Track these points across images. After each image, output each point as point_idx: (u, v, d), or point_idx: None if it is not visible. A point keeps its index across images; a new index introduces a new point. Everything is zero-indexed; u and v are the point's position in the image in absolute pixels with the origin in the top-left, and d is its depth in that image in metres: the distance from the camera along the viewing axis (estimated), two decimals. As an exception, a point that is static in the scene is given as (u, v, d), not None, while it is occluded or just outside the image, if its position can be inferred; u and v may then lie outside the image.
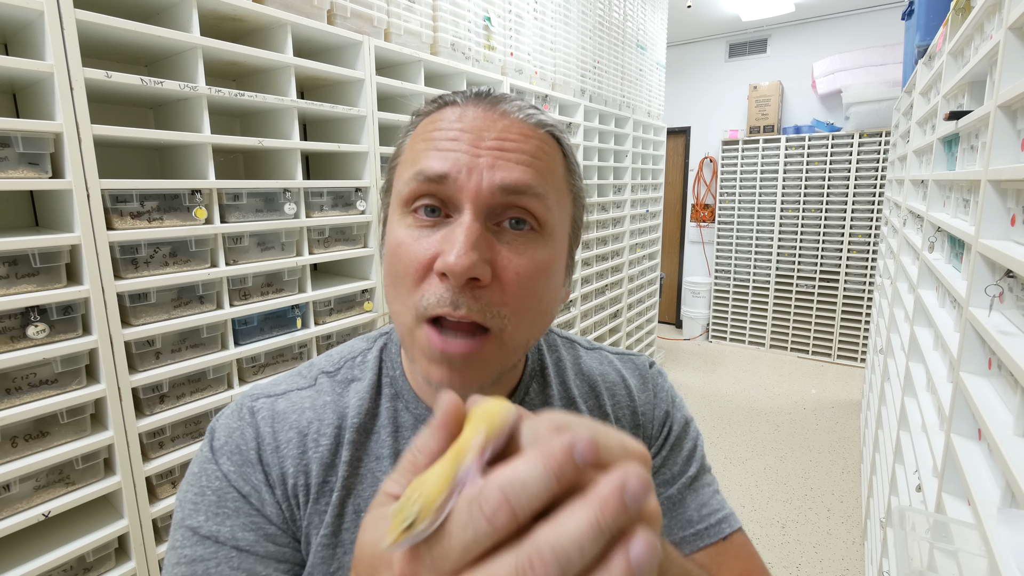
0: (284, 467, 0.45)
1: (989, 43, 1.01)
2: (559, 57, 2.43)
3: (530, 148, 0.41)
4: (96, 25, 0.99)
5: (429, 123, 0.43)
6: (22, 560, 0.96)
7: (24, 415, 0.94)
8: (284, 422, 0.46)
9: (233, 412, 0.47)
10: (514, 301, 0.40)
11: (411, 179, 0.41)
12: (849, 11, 4.31)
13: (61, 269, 1.00)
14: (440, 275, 0.39)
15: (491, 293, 0.39)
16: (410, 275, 0.40)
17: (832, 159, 4.25)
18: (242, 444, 0.45)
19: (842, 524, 2.41)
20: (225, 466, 0.44)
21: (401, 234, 0.41)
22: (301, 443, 0.46)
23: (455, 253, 0.37)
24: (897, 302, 2.10)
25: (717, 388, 3.94)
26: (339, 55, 1.54)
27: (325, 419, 0.47)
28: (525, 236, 0.41)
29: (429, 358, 0.40)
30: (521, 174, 0.40)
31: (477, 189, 0.39)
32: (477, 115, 0.42)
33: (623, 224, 3.19)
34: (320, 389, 0.49)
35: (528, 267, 0.41)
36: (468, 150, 0.40)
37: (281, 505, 0.44)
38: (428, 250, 0.40)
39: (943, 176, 1.40)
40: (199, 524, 0.42)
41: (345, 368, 0.51)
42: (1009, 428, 0.78)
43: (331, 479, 0.45)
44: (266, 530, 0.43)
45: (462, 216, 0.39)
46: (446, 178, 0.39)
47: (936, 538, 0.87)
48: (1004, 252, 0.82)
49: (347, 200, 1.52)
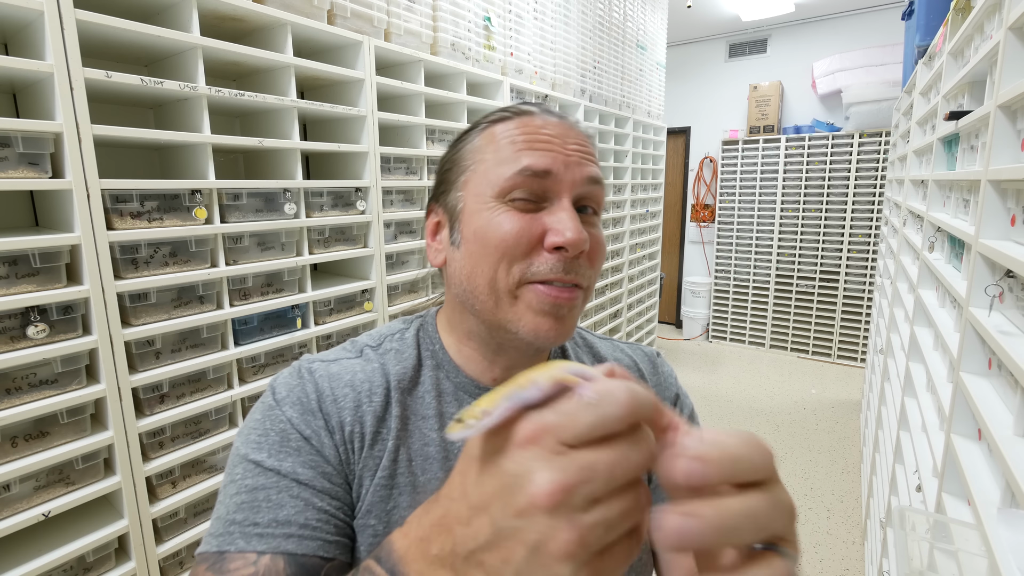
0: (342, 416, 0.50)
1: (989, 43, 1.01)
2: (559, 57, 2.43)
3: (591, 150, 0.53)
4: (96, 25, 0.99)
5: (512, 128, 0.51)
6: (22, 560, 0.96)
7: (24, 415, 0.94)
8: (339, 380, 0.52)
9: (292, 372, 0.53)
10: (596, 266, 0.52)
11: (517, 174, 0.48)
12: (849, 11, 4.31)
13: (61, 269, 1.00)
14: (552, 249, 0.48)
15: (583, 261, 0.50)
16: (522, 247, 0.48)
17: (832, 159, 4.25)
18: (303, 396, 0.50)
19: (842, 524, 2.41)
20: (288, 412, 0.49)
21: (502, 218, 0.49)
22: (356, 398, 0.51)
23: (573, 230, 0.47)
24: (897, 302, 2.10)
25: (717, 388, 3.94)
26: (339, 55, 1.54)
27: (375, 380, 0.53)
28: (591, 218, 0.52)
29: (537, 311, 0.48)
30: (594, 169, 0.52)
31: (573, 181, 0.49)
32: (555, 124, 0.52)
33: (623, 224, 3.19)
34: (368, 359, 0.55)
35: (601, 240, 0.53)
36: (561, 151, 0.50)
37: (339, 448, 0.49)
38: (537, 228, 0.48)
39: (943, 176, 1.40)
40: (262, 459, 0.47)
41: (386, 342, 0.58)
42: (1009, 428, 0.78)
43: (383, 431, 0.51)
44: (323, 469, 0.48)
45: (561, 202, 0.49)
46: (549, 173, 0.49)
47: (936, 538, 0.87)
48: (1004, 252, 0.82)
49: (347, 200, 1.52)
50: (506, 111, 0.54)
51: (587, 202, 0.51)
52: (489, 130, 0.53)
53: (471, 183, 0.52)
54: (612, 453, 0.26)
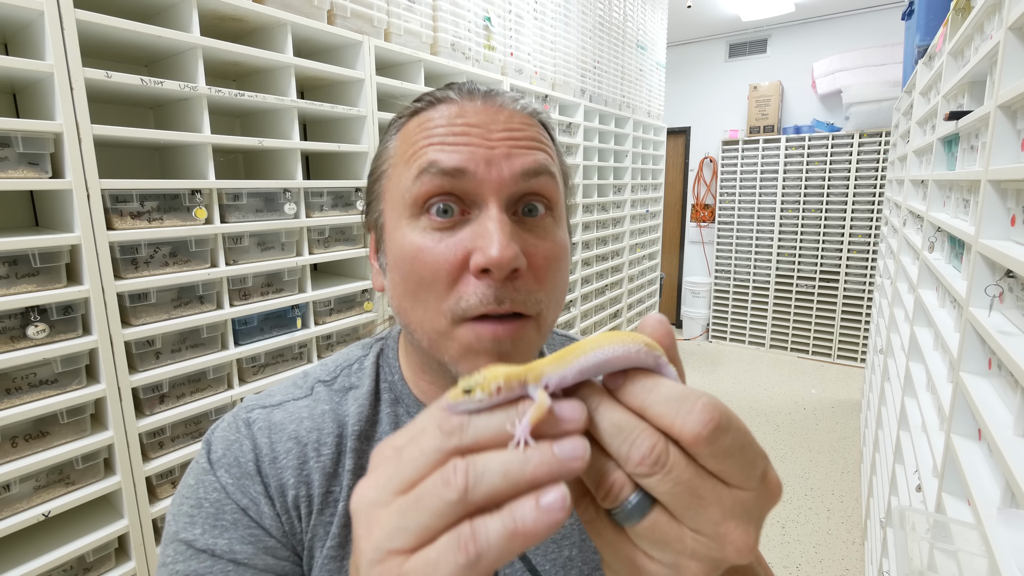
0: (283, 479, 0.43)
1: (989, 43, 1.01)
2: (559, 57, 2.43)
3: (534, 135, 0.42)
4: (96, 25, 0.99)
5: (424, 121, 0.42)
6: (22, 560, 0.96)
7: (24, 415, 0.94)
8: (281, 433, 0.45)
9: (229, 425, 0.46)
10: (547, 285, 0.41)
11: (420, 176, 0.39)
12: (849, 11, 4.31)
13: (61, 269, 1.00)
14: (479, 273, 0.38)
15: (526, 281, 0.39)
16: (441, 279, 0.38)
17: (832, 159, 4.25)
18: (240, 456, 0.44)
19: (842, 524, 2.41)
20: (223, 478, 0.43)
21: (417, 239, 0.39)
22: (301, 453, 0.44)
23: (497, 247, 0.36)
24: (897, 302, 2.10)
25: (717, 388, 3.94)
26: (339, 55, 1.54)
27: (325, 428, 0.46)
28: (541, 221, 0.42)
29: (476, 352, 0.39)
30: (535, 157, 0.41)
31: (499, 179, 0.39)
32: (478, 109, 0.41)
33: (623, 224, 3.19)
34: (317, 398, 0.48)
35: (553, 249, 0.41)
36: (481, 143, 0.39)
37: (280, 518, 0.43)
38: (457, 250, 0.38)
39: (943, 176, 1.40)
40: (194, 537, 0.41)
41: (342, 376, 0.50)
42: (1009, 428, 0.78)
43: (335, 489, 0.45)
44: (265, 543, 0.42)
45: (487, 210, 0.39)
46: (464, 172, 0.38)
47: (936, 538, 0.87)
48: (1004, 252, 0.82)
49: (347, 200, 1.52)
50: (422, 99, 0.44)
51: (533, 200, 0.41)
52: (405, 125, 0.43)
53: (387, 193, 0.43)
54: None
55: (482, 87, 0.44)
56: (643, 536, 0.23)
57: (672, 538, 0.22)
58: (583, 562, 0.49)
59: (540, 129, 0.44)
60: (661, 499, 0.22)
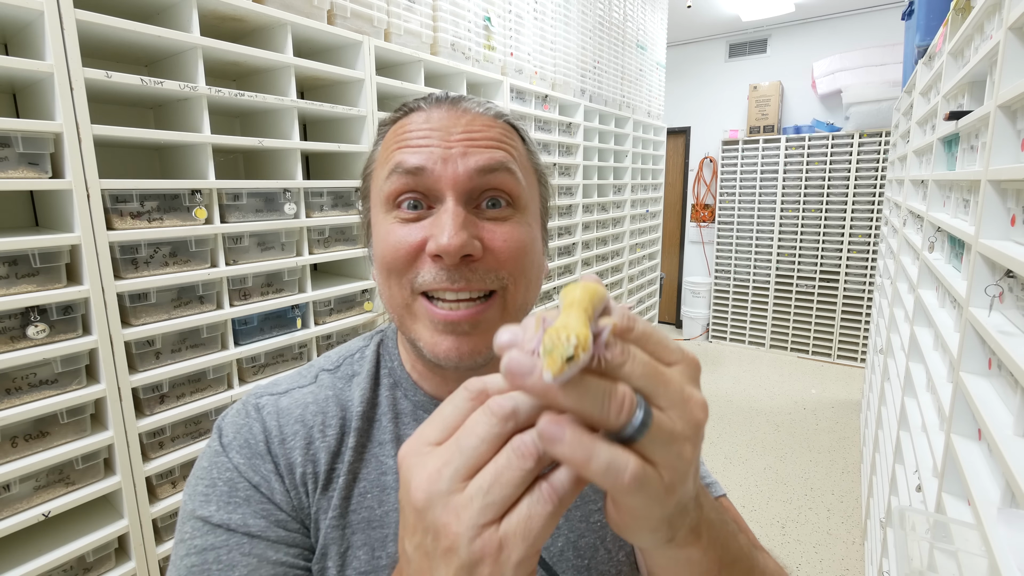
0: (291, 458, 0.47)
1: (989, 43, 1.01)
2: (559, 57, 2.43)
3: (494, 135, 0.47)
4: (96, 25, 0.99)
5: (398, 128, 0.48)
6: (22, 560, 0.96)
7: (24, 415, 0.94)
8: (288, 416, 0.48)
9: (239, 410, 0.50)
10: (510, 264, 0.45)
11: (391, 175, 0.45)
12: (849, 11, 4.31)
13: (61, 269, 1.00)
14: (433, 257, 0.43)
15: (486, 263, 0.44)
16: (401, 258, 0.44)
17: (832, 159, 4.25)
18: (250, 438, 0.47)
19: (842, 524, 2.41)
20: (235, 459, 0.46)
21: (388, 227, 0.46)
22: (307, 435, 0.48)
23: (447, 234, 0.42)
24: (897, 302, 2.10)
25: (717, 388, 3.94)
26: (339, 55, 1.54)
27: (329, 412, 0.49)
28: (503, 212, 0.46)
29: (433, 329, 0.44)
30: (491, 155, 0.45)
31: (454, 176, 0.44)
32: (442, 115, 0.46)
33: (623, 224, 3.19)
34: (321, 385, 0.52)
35: (512, 233, 0.46)
36: (440, 144, 0.45)
37: (290, 493, 0.46)
38: (418, 236, 0.44)
39: (943, 176, 1.40)
40: (210, 514, 0.44)
41: (345, 365, 0.54)
42: (1009, 428, 0.78)
43: (338, 466, 0.48)
44: (276, 517, 0.45)
45: (445, 203, 0.44)
46: (423, 170, 0.44)
47: (936, 538, 0.87)
48: (1004, 252, 0.82)
49: (347, 200, 1.52)
50: (400, 109, 0.50)
51: (493, 194, 0.46)
52: (387, 132, 0.50)
53: (372, 192, 0.50)
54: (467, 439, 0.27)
55: (452, 95, 0.49)
56: (653, 439, 0.26)
57: (667, 427, 0.26)
58: (575, 555, 0.51)
59: (505, 130, 0.48)
60: (637, 383, 0.26)
